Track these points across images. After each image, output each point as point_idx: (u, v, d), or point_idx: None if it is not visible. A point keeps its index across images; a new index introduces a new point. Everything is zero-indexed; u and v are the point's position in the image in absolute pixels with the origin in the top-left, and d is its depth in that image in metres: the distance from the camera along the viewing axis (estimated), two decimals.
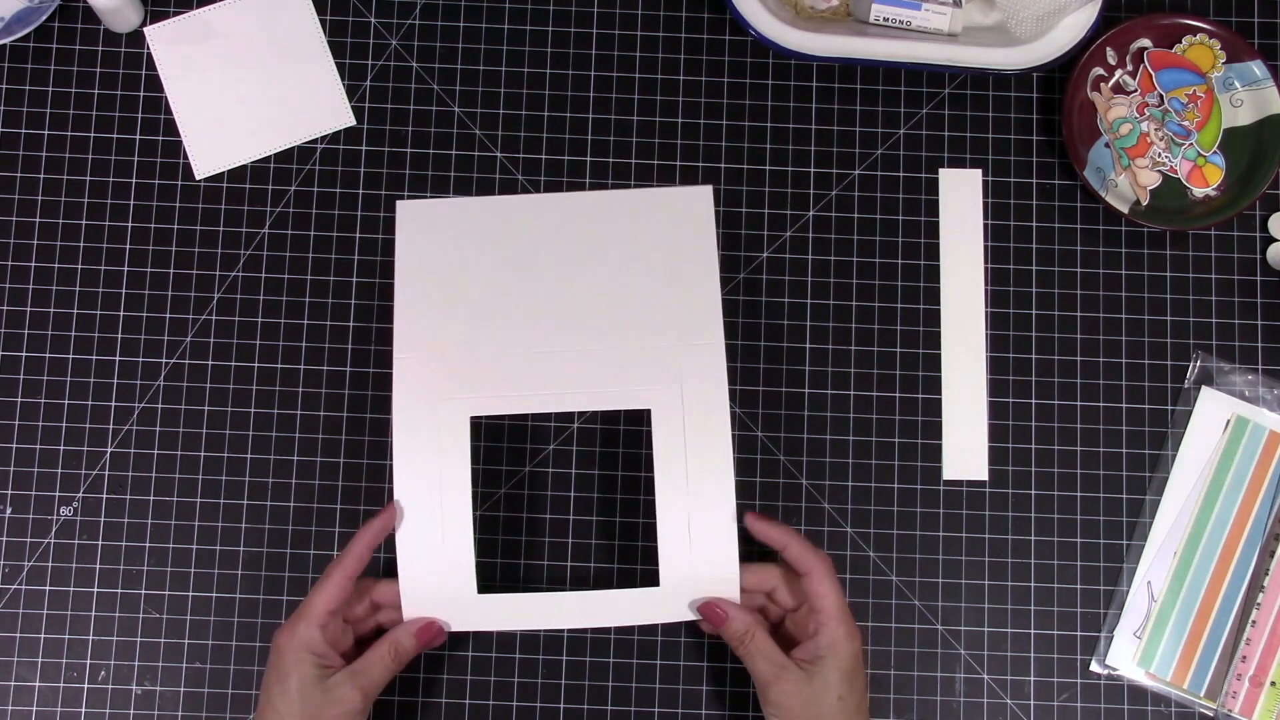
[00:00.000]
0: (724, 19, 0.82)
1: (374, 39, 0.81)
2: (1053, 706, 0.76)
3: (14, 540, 0.76)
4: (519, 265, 0.73)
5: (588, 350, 0.71)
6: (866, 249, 0.80)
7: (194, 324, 0.78)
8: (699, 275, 0.72)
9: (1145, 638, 0.76)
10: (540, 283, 0.72)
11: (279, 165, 0.80)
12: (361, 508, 0.77)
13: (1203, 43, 0.80)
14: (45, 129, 0.80)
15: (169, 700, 0.75)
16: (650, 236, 0.73)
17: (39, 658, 0.75)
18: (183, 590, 0.76)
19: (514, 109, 0.81)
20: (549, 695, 0.75)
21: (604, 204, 0.74)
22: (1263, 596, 0.76)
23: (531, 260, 0.73)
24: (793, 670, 0.65)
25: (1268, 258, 0.80)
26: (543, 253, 0.73)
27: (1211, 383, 0.79)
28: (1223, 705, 0.76)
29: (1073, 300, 0.80)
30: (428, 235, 0.73)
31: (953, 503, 0.78)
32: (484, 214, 0.74)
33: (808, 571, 0.67)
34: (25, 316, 0.78)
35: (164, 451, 0.77)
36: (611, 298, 0.72)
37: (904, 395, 0.79)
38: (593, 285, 0.72)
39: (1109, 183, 0.80)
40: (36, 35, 0.80)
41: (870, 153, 0.81)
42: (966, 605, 0.77)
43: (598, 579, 0.77)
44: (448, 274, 0.73)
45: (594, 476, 0.77)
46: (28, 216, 0.79)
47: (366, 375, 0.78)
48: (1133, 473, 0.78)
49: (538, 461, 0.77)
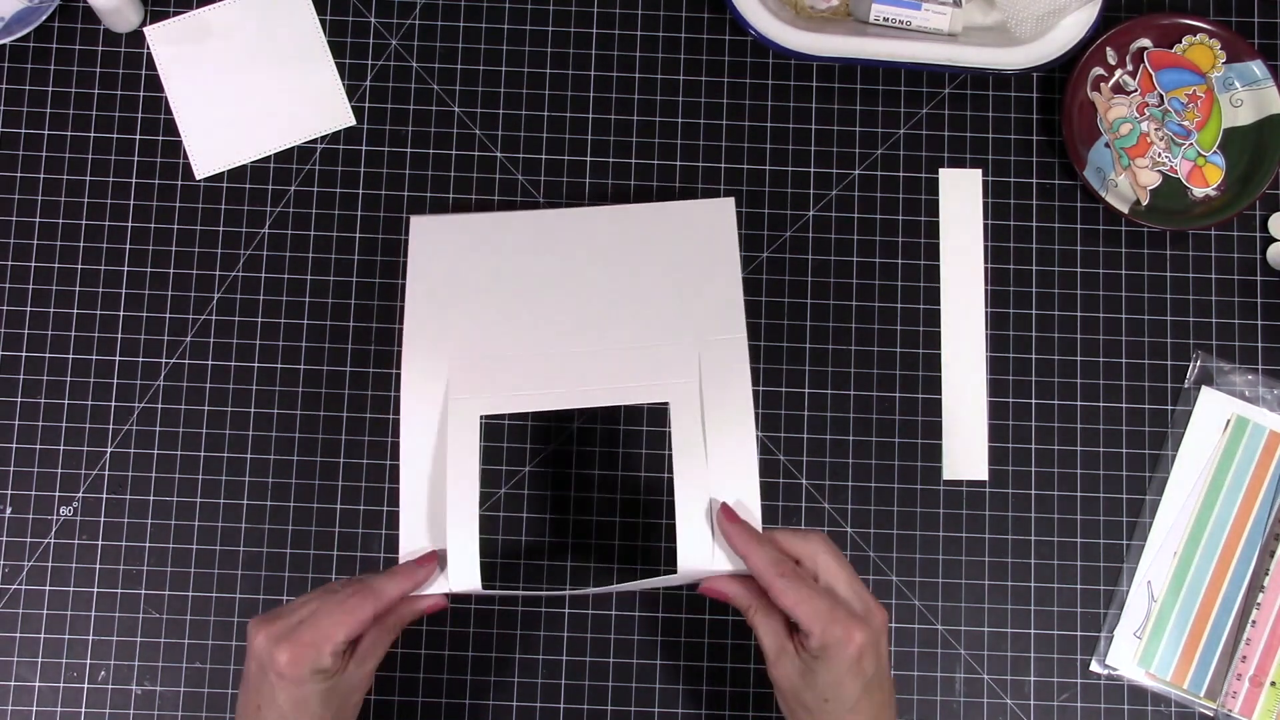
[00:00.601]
0: (724, 19, 0.82)
1: (374, 39, 0.81)
2: (1053, 706, 0.76)
3: (14, 540, 0.76)
4: (535, 276, 0.72)
5: (603, 350, 0.70)
6: (866, 249, 0.80)
7: (194, 324, 0.78)
8: (721, 279, 0.71)
9: (1145, 638, 0.76)
10: (556, 291, 0.72)
11: (279, 165, 0.80)
12: (361, 508, 0.77)
13: (1203, 43, 0.80)
14: (45, 129, 0.80)
15: (169, 700, 0.75)
16: (671, 247, 0.72)
17: (39, 658, 0.75)
18: (183, 590, 0.76)
19: (514, 109, 0.81)
20: (549, 695, 0.75)
21: (624, 219, 0.74)
22: (1263, 596, 0.76)
23: (548, 271, 0.72)
24: (790, 655, 0.62)
25: (1268, 258, 0.80)
26: (560, 264, 0.72)
27: (1211, 383, 0.79)
28: (1223, 705, 0.76)
29: (1073, 300, 0.80)
30: (441, 249, 0.73)
31: (953, 503, 0.78)
32: (500, 229, 0.73)
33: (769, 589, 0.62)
34: (25, 316, 0.78)
35: (164, 451, 0.77)
36: (629, 303, 0.71)
37: (904, 395, 0.79)
38: (610, 292, 0.71)
39: (1109, 183, 0.80)
40: (36, 35, 0.80)
41: (870, 153, 0.81)
42: (966, 605, 0.77)
43: (598, 577, 0.77)
44: (461, 285, 0.72)
45: (594, 476, 0.77)
46: (28, 216, 0.79)
47: (366, 375, 0.78)
48: (1133, 473, 0.78)
49: (538, 462, 0.78)
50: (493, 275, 0.72)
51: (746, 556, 0.63)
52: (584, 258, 0.72)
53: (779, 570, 0.61)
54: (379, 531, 0.77)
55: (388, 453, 0.77)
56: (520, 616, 0.76)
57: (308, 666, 0.59)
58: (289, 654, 0.59)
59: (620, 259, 0.72)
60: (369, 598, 0.62)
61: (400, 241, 0.79)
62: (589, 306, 0.71)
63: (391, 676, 0.76)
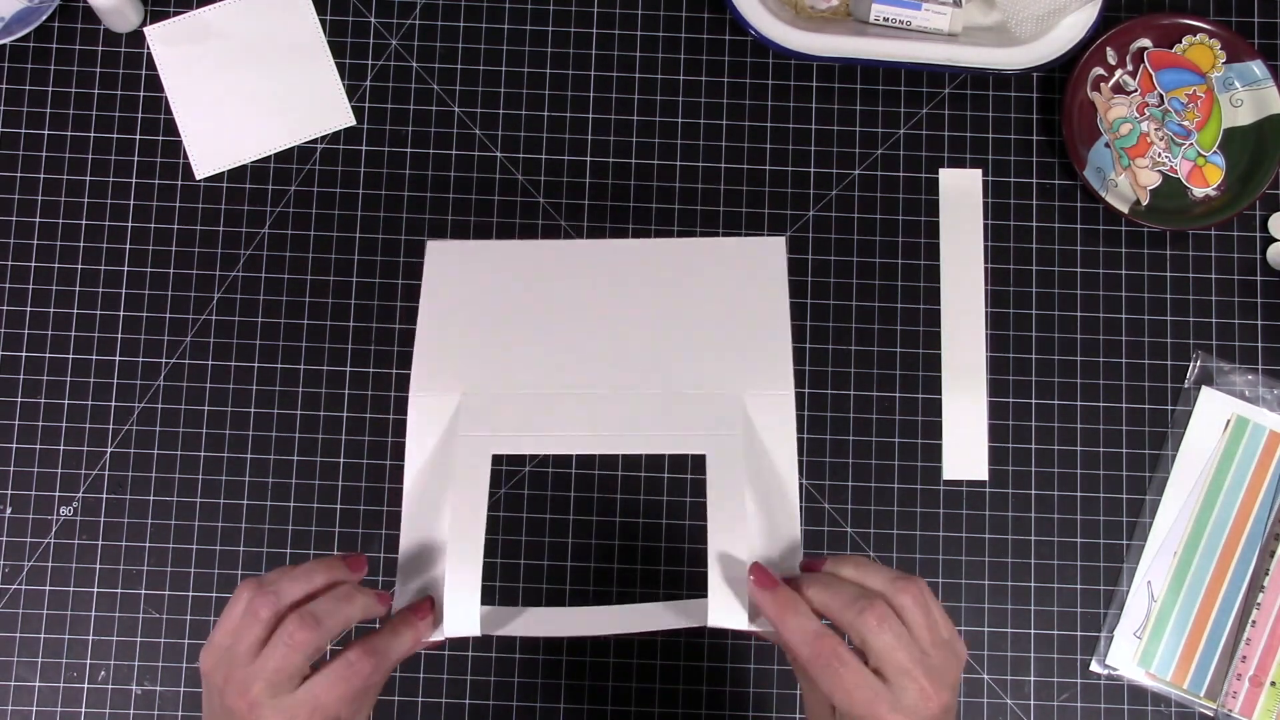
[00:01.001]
0: (724, 19, 0.82)
1: (374, 39, 0.81)
2: (1053, 706, 0.76)
3: (14, 540, 0.76)
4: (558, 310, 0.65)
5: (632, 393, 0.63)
6: (866, 249, 0.80)
7: (194, 324, 0.78)
8: (767, 326, 0.63)
9: (1145, 638, 0.76)
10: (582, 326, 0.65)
11: (279, 165, 0.80)
12: (361, 508, 0.77)
13: (1203, 43, 0.80)
14: (45, 129, 0.80)
15: (169, 700, 0.75)
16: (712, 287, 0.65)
17: (39, 658, 0.75)
18: (183, 590, 0.76)
19: (514, 109, 0.81)
20: (549, 695, 0.75)
21: (659, 253, 0.67)
22: (1263, 596, 0.76)
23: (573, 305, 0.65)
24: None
25: (1268, 258, 0.80)
26: (586, 298, 0.65)
27: (1211, 383, 0.79)
28: (1223, 705, 0.76)
29: (1073, 300, 0.80)
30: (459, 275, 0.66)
31: (953, 503, 0.78)
32: (522, 258, 0.66)
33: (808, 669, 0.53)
34: (25, 316, 0.78)
35: (164, 451, 0.77)
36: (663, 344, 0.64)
37: (904, 395, 0.79)
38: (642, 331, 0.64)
39: (1109, 183, 0.80)
40: (36, 35, 0.80)
41: (870, 153, 0.81)
42: (967, 605, 0.77)
43: (598, 577, 0.77)
44: (478, 314, 0.65)
45: (594, 476, 0.77)
46: (28, 216, 0.79)
47: (366, 375, 0.78)
48: (1133, 473, 0.78)
49: (537, 462, 0.78)
50: (513, 306, 0.65)
51: (780, 627, 0.54)
52: (613, 292, 0.65)
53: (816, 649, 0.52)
54: (379, 531, 0.77)
55: (388, 453, 0.77)
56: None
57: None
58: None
59: (654, 296, 0.65)
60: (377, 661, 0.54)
61: (400, 241, 0.79)
62: (617, 345, 0.64)
63: (392, 677, 0.75)
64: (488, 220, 0.79)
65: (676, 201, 0.80)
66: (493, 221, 0.79)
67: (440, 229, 0.79)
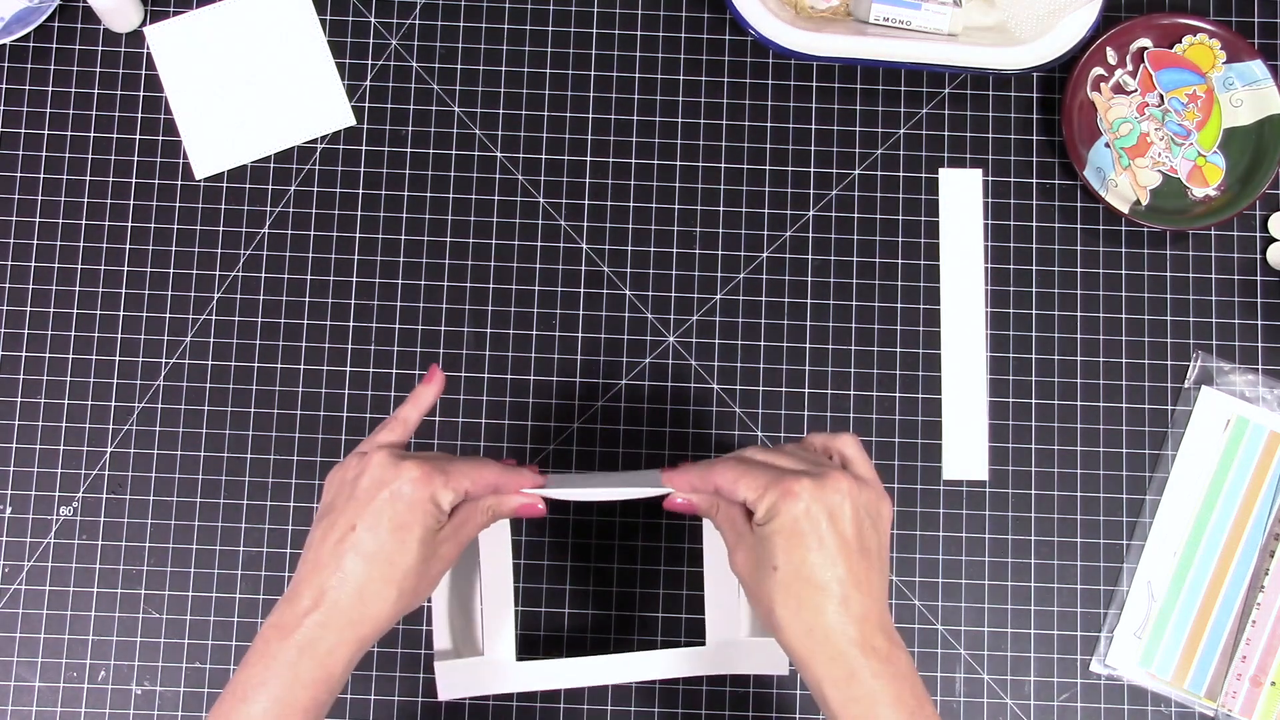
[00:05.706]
0: (724, 19, 0.82)
1: (374, 39, 0.81)
2: (1053, 706, 0.76)
3: (14, 540, 0.76)
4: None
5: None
6: (866, 249, 0.80)
7: (194, 324, 0.78)
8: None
9: (1145, 638, 0.76)
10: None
11: (279, 165, 0.80)
12: None
13: (1203, 43, 0.80)
14: (45, 129, 0.80)
15: (169, 700, 0.75)
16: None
17: (39, 658, 0.75)
18: (183, 590, 0.76)
19: (514, 109, 0.81)
20: (549, 696, 0.75)
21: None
22: (1263, 596, 0.76)
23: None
24: (745, 539, 0.58)
25: (1268, 258, 0.80)
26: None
27: (1211, 383, 0.79)
28: (1223, 705, 0.76)
29: (1073, 300, 0.80)
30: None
31: (953, 503, 0.78)
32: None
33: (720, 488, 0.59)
34: (25, 316, 0.78)
35: (164, 451, 0.77)
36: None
37: (904, 395, 0.79)
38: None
39: (1109, 183, 0.80)
40: (36, 35, 0.80)
41: (870, 153, 0.81)
42: (966, 605, 0.77)
43: (598, 576, 0.77)
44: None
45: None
46: (28, 216, 0.79)
47: (366, 375, 0.78)
48: (1133, 473, 0.78)
49: (536, 462, 0.78)
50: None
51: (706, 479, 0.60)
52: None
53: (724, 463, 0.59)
54: None
55: None
56: (520, 616, 0.76)
57: (431, 490, 0.57)
58: (420, 470, 0.57)
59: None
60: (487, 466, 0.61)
61: (400, 241, 0.79)
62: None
63: (392, 677, 0.76)
64: (488, 220, 0.79)
65: (676, 202, 0.80)
66: (493, 222, 0.79)
67: (440, 229, 0.79)
